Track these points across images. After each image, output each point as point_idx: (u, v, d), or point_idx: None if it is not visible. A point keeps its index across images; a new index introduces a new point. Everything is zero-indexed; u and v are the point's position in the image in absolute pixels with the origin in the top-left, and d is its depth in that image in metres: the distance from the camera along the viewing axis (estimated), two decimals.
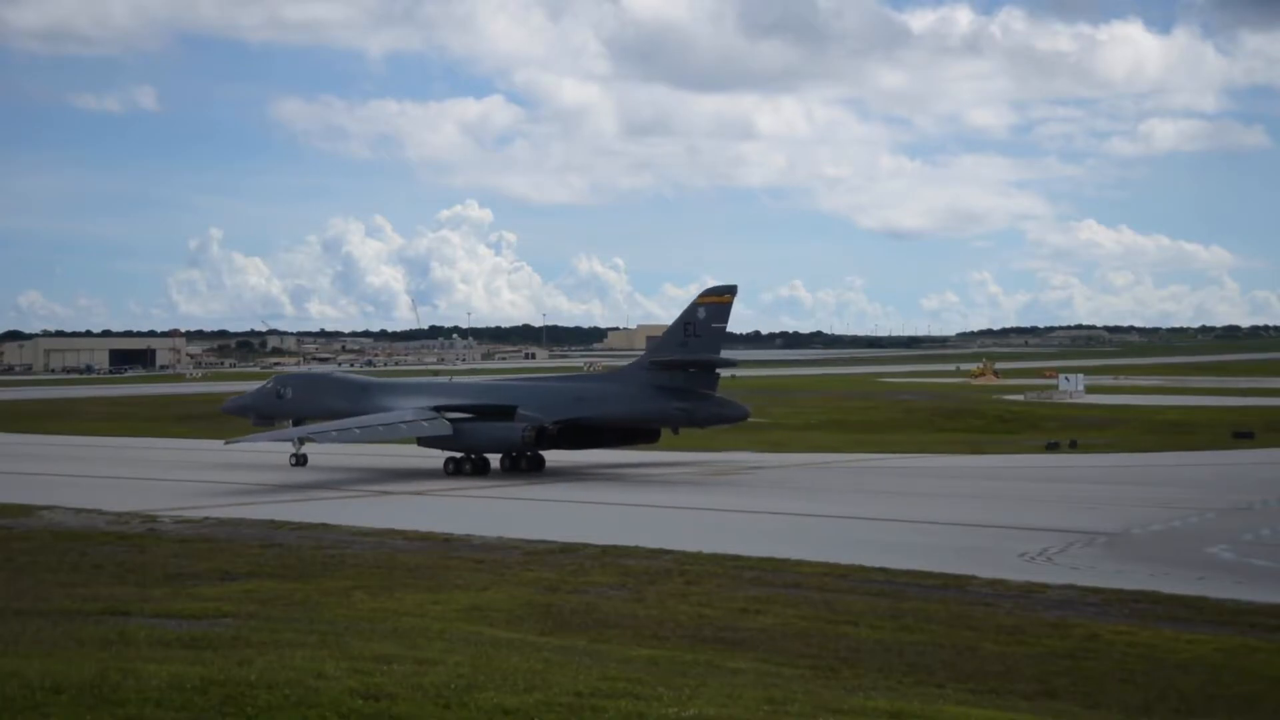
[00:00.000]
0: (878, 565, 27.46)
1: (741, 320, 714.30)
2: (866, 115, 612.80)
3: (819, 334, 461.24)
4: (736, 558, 28.42)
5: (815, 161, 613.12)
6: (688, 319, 49.14)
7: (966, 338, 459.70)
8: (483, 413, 50.28)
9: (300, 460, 51.86)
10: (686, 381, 49.03)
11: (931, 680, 18.13)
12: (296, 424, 53.82)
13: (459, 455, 49.93)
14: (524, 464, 50.53)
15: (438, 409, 50.14)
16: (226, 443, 51.72)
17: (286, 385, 56.54)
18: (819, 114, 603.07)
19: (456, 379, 66.03)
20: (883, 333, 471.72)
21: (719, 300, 49.24)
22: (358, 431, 49.37)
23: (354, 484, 46.36)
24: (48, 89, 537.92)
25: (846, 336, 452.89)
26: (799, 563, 27.85)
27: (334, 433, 49.67)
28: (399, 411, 50.86)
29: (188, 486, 45.32)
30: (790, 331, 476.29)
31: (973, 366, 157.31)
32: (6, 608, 19.32)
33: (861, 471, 51.38)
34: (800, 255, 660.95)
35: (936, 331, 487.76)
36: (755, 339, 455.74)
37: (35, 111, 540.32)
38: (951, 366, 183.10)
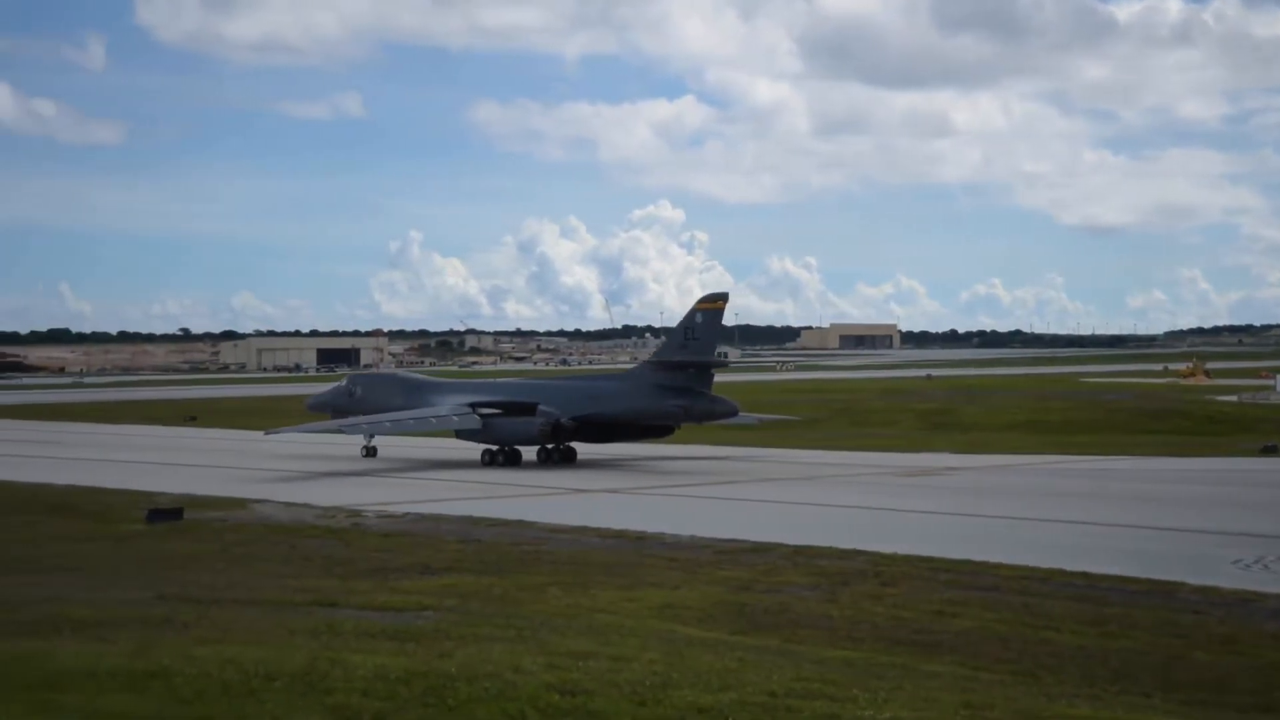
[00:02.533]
0: (1078, 569, 26.64)
1: (937, 319, 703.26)
2: (1068, 109, 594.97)
3: (1018, 333, 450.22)
4: (931, 559, 27.92)
5: (1014, 157, 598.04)
6: (687, 324, 53.12)
7: (1175, 336, 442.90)
8: (509, 409, 54.23)
9: (370, 452, 57.17)
10: (685, 381, 52.76)
11: (1137, 689, 17.49)
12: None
13: (494, 448, 53.63)
14: (556, 456, 54.12)
15: (472, 405, 54.23)
16: (266, 433, 59.80)
17: (357, 384, 62.22)
18: (1017, 108, 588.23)
19: (502, 379, 72.53)
20: (1084, 331, 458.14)
21: (714, 306, 53.18)
22: (389, 424, 54.95)
23: (528, 482, 47.04)
24: (259, 98, 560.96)
25: (1047, 335, 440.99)
26: (996, 565, 27.20)
27: (365, 425, 55.10)
28: (435, 407, 55.29)
29: (387, 481, 46.66)
30: (988, 330, 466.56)
31: (1181, 366, 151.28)
32: (223, 597, 20.15)
33: (1060, 473, 49.96)
34: (998, 252, 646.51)
35: (1142, 330, 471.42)
36: (951, 338, 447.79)
37: (248, 119, 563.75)
38: (1158, 366, 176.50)
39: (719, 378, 62.19)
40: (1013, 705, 14.45)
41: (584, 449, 55.43)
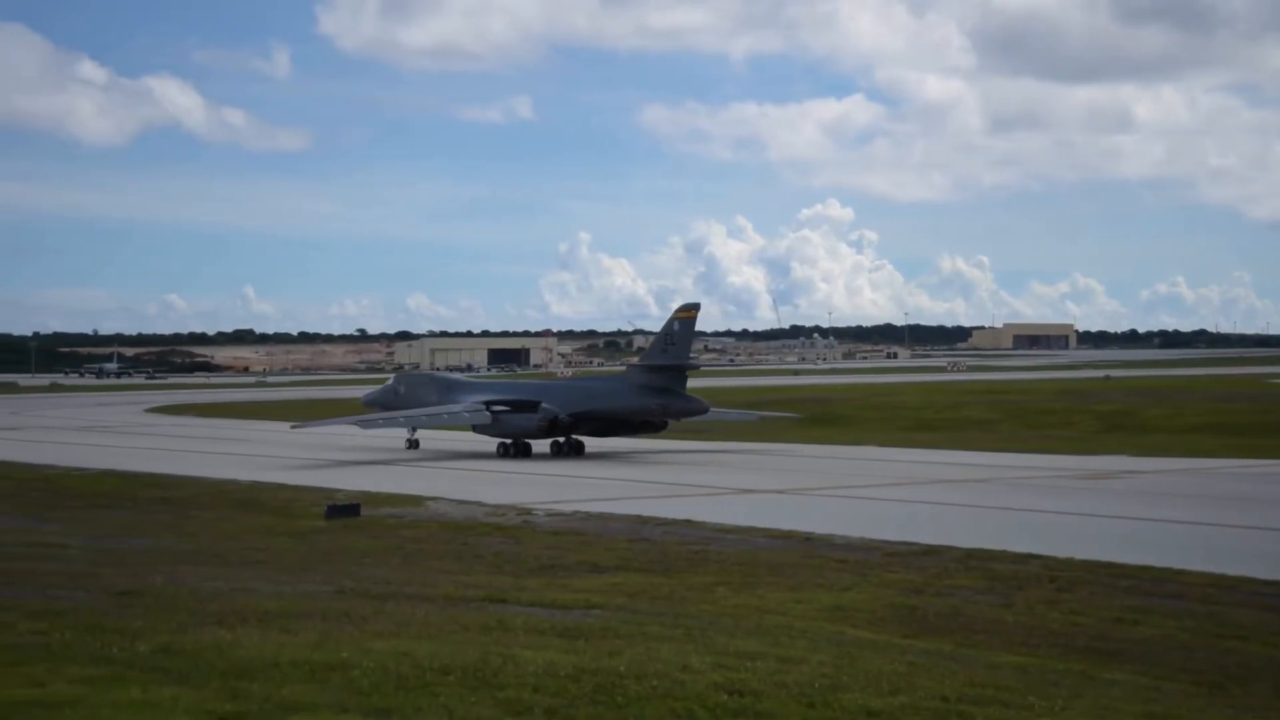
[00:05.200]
0: (1271, 578, 25.58)
1: (1116, 319, 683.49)
2: (1259, 101, 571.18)
3: (1202, 333, 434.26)
4: (1111, 565, 27.12)
5: (1198, 151, 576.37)
6: (667, 331, 59.69)
7: None
8: (516, 406, 60.38)
9: (413, 444, 62.37)
10: (665, 382, 59.28)
11: None
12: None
13: (508, 441, 59.43)
14: (566, 449, 60.15)
15: (486, 403, 60.48)
16: (292, 426, 67.21)
17: (401, 383, 69.36)
18: (1203, 102, 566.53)
19: (525, 382, 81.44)
20: (1274, 331, 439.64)
21: (689, 315, 59.49)
22: (402, 420, 60.99)
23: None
24: (435, 103, 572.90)
25: (1233, 335, 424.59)
26: (1180, 572, 26.28)
27: (381, 421, 61.69)
28: (451, 405, 61.76)
29: (556, 480, 47.22)
30: (1170, 330, 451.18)
31: None
32: (398, 592, 20.61)
33: (1246, 478, 48.04)
34: (1181, 250, 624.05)
35: None
36: (1131, 338, 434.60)
37: (425, 124, 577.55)
38: None
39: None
40: (1198, 717, 13.96)
41: (592, 443, 61.13)
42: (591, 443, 61.92)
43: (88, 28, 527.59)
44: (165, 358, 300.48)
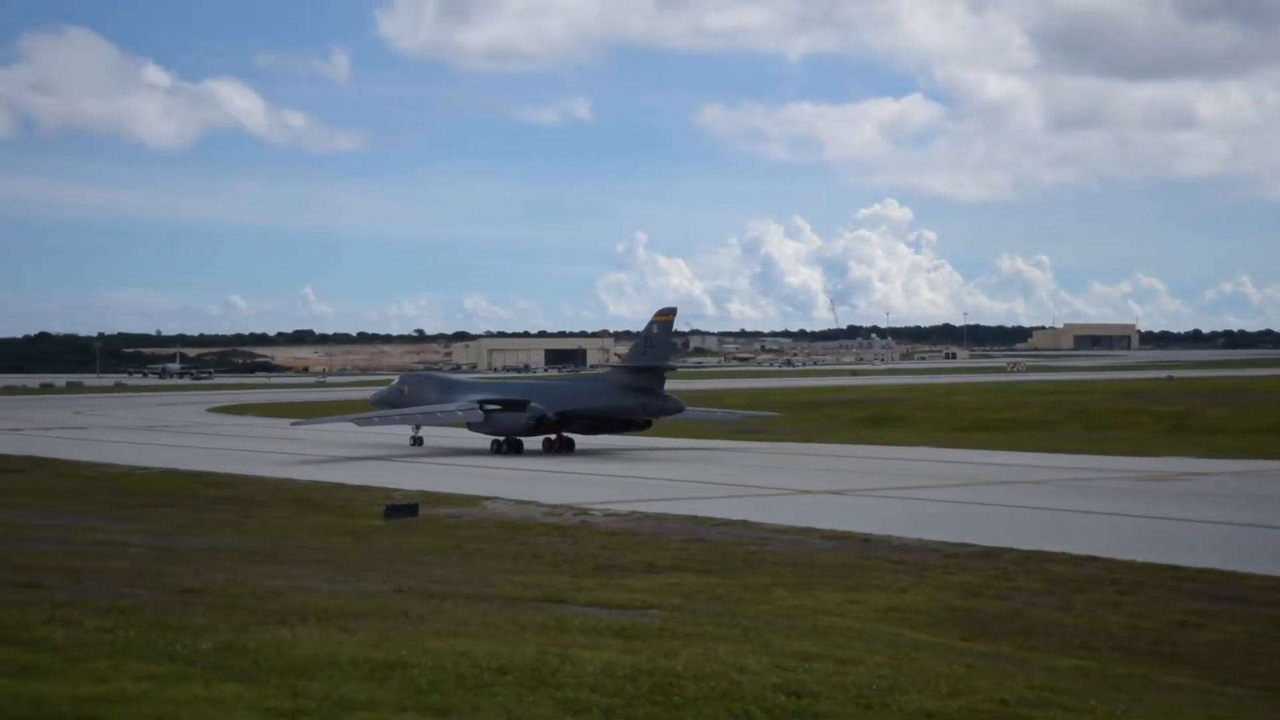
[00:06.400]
0: None
1: (1179, 319, 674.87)
2: None
3: (1268, 333, 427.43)
4: (1173, 568, 26.79)
5: (1265, 149, 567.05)
6: (648, 333, 62.58)
7: None
8: (507, 405, 62.54)
9: (418, 441, 65.02)
10: (645, 382, 61.91)
11: None
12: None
13: (500, 438, 61.55)
14: (556, 446, 62.33)
15: (480, 402, 62.56)
16: (292, 423, 73.12)
17: (405, 383, 71.97)
18: (1271, 99, 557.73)
19: (519, 382, 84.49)
20: None
21: (667, 319, 62.28)
22: (397, 418, 63.06)
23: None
24: (493, 104, 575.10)
25: None
26: (1244, 575, 25.90)
27: (376, 419, 64.12)
28: (444, 404, 63.99)
29: (611, 480, 47.31)
30: (1235, 330, 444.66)
31: None
32: (456, 592, 20.72)
33: None
34: (1247, 249, 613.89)
35: None
36: (1195, 338, 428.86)
37: (482, 126, 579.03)
38: None
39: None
40: None
41: (583, 440, 63.60)
42: (596, 441, 64.46)
43: (152, 32, 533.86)
44: (226, 358, 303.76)
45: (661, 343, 62.33)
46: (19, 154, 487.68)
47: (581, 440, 63.92)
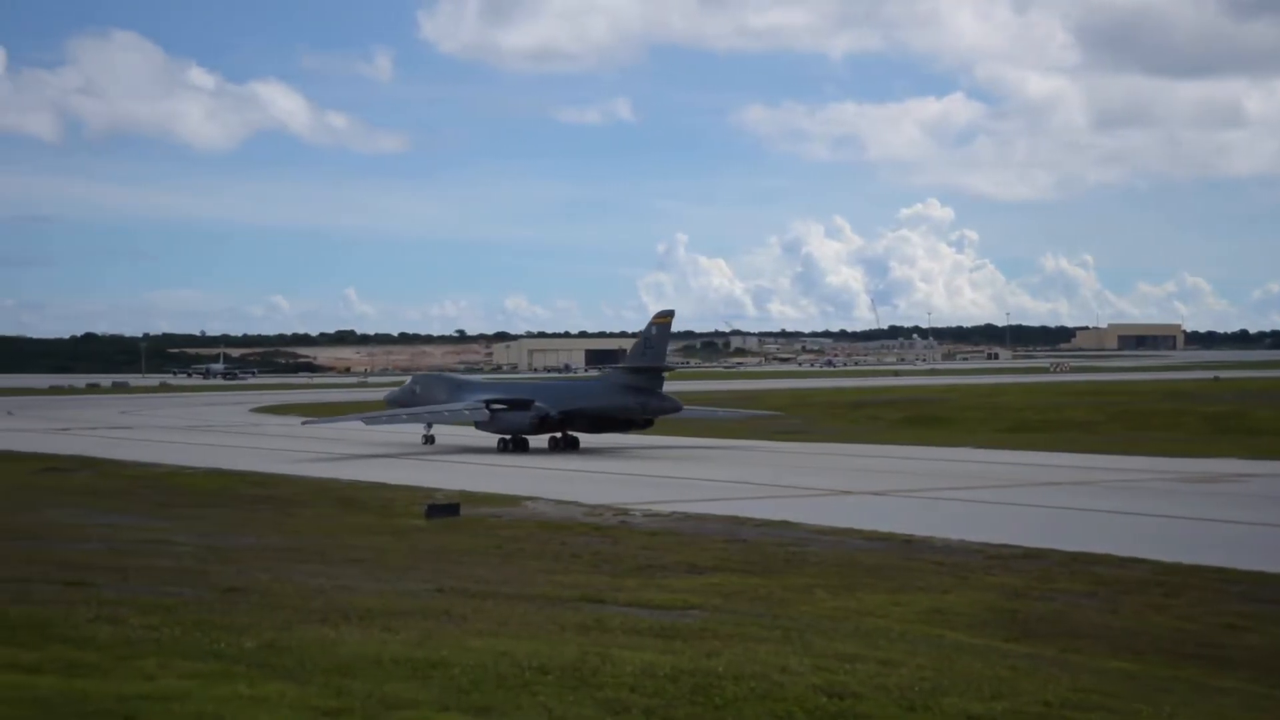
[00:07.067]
0: None
1: (1225, 319, 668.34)
2: None
3: None
4: (1221, 570, 26.51)
5: None
6: (646, 335, 64.13)
7: None
8: (512, 404, 63.93)
9: (429, 440, 66.39)
10: (644, 382, 63.50)
11: None
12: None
13: (506, 437, 62.97)
14: (561, 444, 63.87)
15: (486, 402, 63.87)
16: (304, 422, 75.72)
17: (418, 383, 73.37)
18: None
19: (526, 382, 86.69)
20: None
21: (665, 321, 63.90)
22: (405, 417, 64.76)
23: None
24: (535, 105, 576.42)
25: None
26: None
27: (385, 418, 65.80)
28: (451, 403, 65.30)
29: (652, 481, 47.30)
30: None
31: None
32: (497, 591, 20.77)
33: None
34: None
35: None
36: (1242, 339, 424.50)
37: (524, 126, 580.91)
38: None
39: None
40: None
41: (603, 440, 65.09)
42: (627, 441, 66.02)
43: (197, 35, 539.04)
44: (269, 358, 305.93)
45: (659, 344, 63.84)
46: (66, 156, 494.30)
47: (600, 440, 65.07)
